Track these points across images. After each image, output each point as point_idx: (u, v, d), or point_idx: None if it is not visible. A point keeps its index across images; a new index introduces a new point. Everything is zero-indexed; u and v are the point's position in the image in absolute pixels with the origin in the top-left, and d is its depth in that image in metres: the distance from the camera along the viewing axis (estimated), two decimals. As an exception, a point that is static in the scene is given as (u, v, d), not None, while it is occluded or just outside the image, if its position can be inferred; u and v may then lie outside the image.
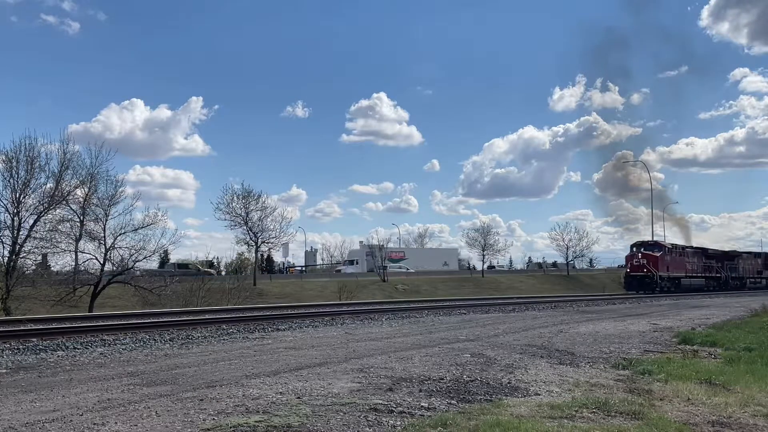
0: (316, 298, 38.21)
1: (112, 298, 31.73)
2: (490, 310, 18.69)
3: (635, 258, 38.07)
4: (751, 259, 50.67)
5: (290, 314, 15.38)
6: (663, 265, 37.83)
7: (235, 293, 34.19)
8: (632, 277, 37.72)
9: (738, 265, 47.81)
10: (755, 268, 50.71)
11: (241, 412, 4.73)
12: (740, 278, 47.57)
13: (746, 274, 48.77)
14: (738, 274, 47.40)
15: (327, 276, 59.54)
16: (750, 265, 49.95)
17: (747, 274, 48.94)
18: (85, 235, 29.39)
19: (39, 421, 4.50)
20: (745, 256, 50.03)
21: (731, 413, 5.16)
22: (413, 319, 14.90)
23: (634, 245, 39.75)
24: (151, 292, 28.93)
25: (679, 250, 40.94)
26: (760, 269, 51.40)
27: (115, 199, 30.54)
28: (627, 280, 38.23)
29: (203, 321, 13.13)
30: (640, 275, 37.14)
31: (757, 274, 50.70)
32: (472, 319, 14.71)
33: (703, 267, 43.03)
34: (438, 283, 54.89)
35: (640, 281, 37.05)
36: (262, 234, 45.86)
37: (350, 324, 13.33)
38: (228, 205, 45.07)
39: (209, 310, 18.54)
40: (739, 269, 47.85)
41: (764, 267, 51.93)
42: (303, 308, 18.72)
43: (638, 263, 37.65)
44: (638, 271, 37.43)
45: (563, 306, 21.25)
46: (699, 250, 44.62)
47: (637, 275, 37.29)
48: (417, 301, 25.13)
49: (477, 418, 4.67)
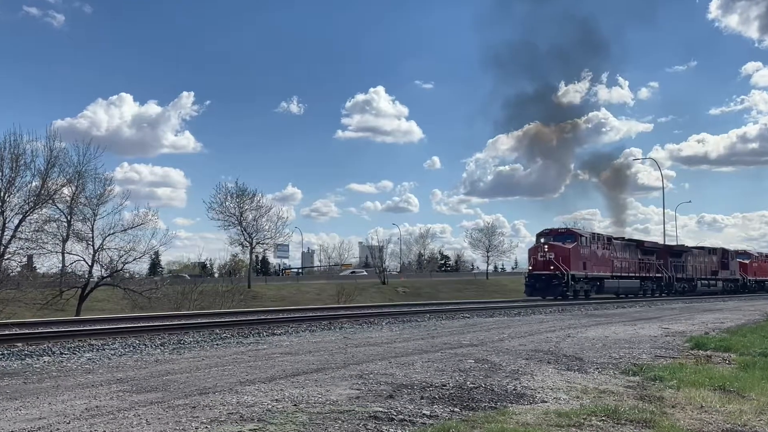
0: (313, 301, 38.21)
1: (101, 301, 31.73)
2: (494, 313, 18.64)
3: (539, 251, 30.16)
4: (703, 256, 42.55)
5: (286, 318, 15.34)
6: (577, 261, 30.26)
7: (228, 296, 34.23)
8: (535, 277, 29.90)
9: (686, 263, 40.23)
10: (709, 268, 42.70)
11: (235, 420, 4.73)
12: (689, 279, 40.35)
13: (697, 274, 41.30)
14: (686, 275, 40.04)
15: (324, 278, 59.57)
16: (702, 264, 42.06)
17: (698, 274, 41.44)
18: (73, 235, 29.43)
19: (24, 429, 4.50)
20: (695, 252, 42.22)
21: (746, 421, 5.15)
22: (414, 323, 14.87)
23: (539, 234, 31.80)
24: (141, 295, 28.94)
25: (603, 242, 33.34)
26: (715, 269, 43.30)
27: (104, 198, 30.62)
28: (528, 282, 30.41)
29: (195, 325, 13.09)
30: (546, 275, 29.36)
31: (711, 275, 42.73)
32: (476, 323, 14.69)
33: (637, 264, 35.64)
34: (440, 285, 54.92)
35: (546, 283, 29.32)
36: (257, 234, 46.02)
37: (349, 328, 13.31)
38: (221, 204, 45.26)
39: (202, 313, 18.52)
40: (688, 268, 40.31)
41: (721, 266, 43.91)
42: (300, 312, 18.69)
43: (543, 258, 29.76)
44: (543, 269, 29.62)
45: (571, 309, 21.22)
46: (632, 242, 37.19)
47: (542, 275, 29.51)
48: (418, 304, 25.10)
49: (481, 426, 4.67)
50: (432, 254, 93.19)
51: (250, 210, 45.41)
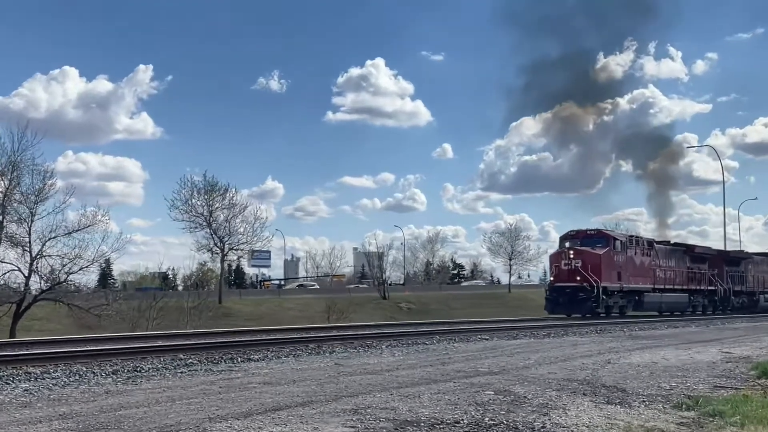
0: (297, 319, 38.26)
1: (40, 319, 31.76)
2: (518, 334, 18.75)
3: (563, 258, 29.92)
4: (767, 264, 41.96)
5: (265, 340, 15.42)
6: (610, 270, 29.95)
7: (195, 314, 34.34)
8: (558, 290, 29.68)
9: (746, 273, 39.45)
10: None
11: (203, 465, 4.73)
12: (750, 293, 39.65)
13: (760, 286, 40.57)
14: (746, 287, 39.31)
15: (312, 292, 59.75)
16: (766, 274, 41.45)
17: (762, 286, 40.74)
18: (6, 239, 29.46)
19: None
20: (758, 259, 41.39)
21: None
22: (421, 346, 14.95)
23: (564, 237, 31.77)
24: (88, 312, 28.98)
25: (642, 247, 32.81)
26: None
27: (43, 195, 30.66)
28: (550, 296, 30.24)
29: (155, 349, 13.17)
30: (571, 287, 28.98)
31: None
32: (496, 347, 14.77)
33: (685, 274, 35.37)
34: (452, 300, 55.07)
35: (571, 297, 28.91)
36: (230, 239, 46.07)
37: (341, 353, 13.38)
38: (186, 202, 45.35)
39: (163, 335, 18.56)
40: (748, 279, 39.47)
41: None
42: (281, 333, 18.76)
43: (568, 267, 29.46)
44: (568, 280, 29.31)
45: (611, 329, 21.31)
46: (679, 247, 36.75)
47: (566, 287, 29.17)
48: (426, 323, 25.16)
49: (503, 472, 4.67)
50: (442, 262, 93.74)
51: (221, 209, 45.48)
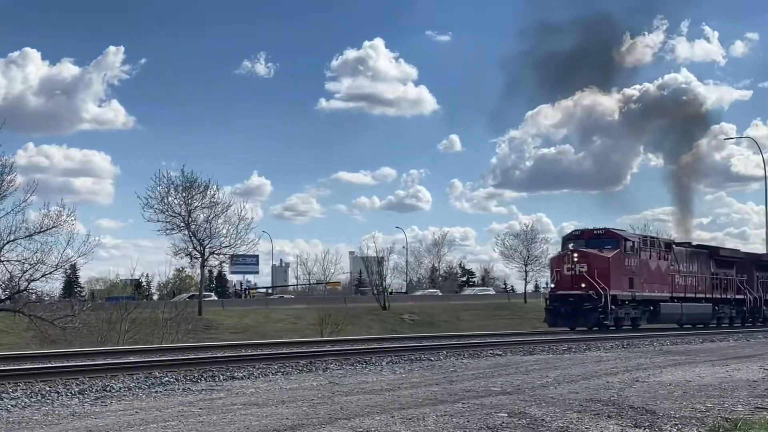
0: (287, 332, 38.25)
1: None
2: (534, 349, 18.80)
3: (566, 262, 29.18)
4: None
5: (251, 356, 15.46)
6: (620, 276, 29.27)
7: (172, 326, 34.25)
8: (559, 299, 29.09)
9: None
10: None
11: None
12: None
13: None
14: None
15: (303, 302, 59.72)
16: None
17: None
18: (-42, 243, 29.43)
19: None
20: None
21: None
22: (426, 362, 15.00)
23: (567, 237, 31.42)
24: (52, 324, 28.97)
25: (659, 249, 32.23)
26: None
27: (1, 192, 30.62)
28: (550, 306, 29.68)
29: (127, 365, 13.19)
30: (575, 295, 28.36)
31: None
32: (510, 363, 14.79)
33: (709, 281, 34.73)
34: (461, 311, 55.05)
35: (575, 307, 28.28)
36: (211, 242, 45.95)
37: (336, 370, 13.42)
38: (161, 200, 45.20)
39: (136, 350, 18.59)
40: None
41: None
42: (268, 347, 18.79)
43: (572, 272, 28.72)
44: (571, 287, 28.63)
45: (639, 344, 21.32)
46: (702, 250, 35.98)
47: (569, 296, 28.56)
48: (431, 337, 25.18)
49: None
50: (450, 268, 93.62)
51: (201, 208, 45.30)
